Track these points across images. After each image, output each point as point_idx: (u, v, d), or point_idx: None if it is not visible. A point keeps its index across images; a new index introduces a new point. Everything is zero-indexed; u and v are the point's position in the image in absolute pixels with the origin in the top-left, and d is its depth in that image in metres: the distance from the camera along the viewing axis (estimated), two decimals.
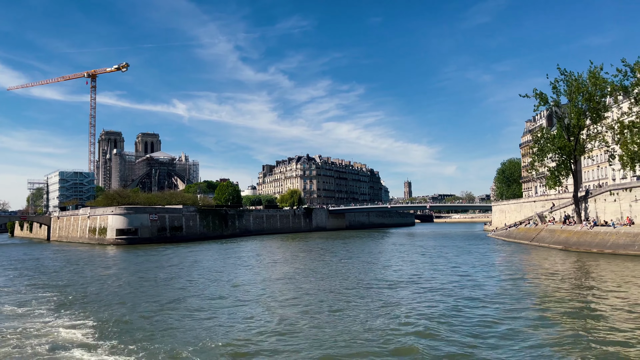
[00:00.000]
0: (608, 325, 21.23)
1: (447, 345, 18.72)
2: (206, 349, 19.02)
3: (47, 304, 28.77)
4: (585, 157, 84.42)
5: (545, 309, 25.19)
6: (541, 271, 40.49)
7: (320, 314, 24.39)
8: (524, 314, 23.87)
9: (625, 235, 51.26)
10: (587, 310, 24.37)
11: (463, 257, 53.66)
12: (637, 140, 48.69)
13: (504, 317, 23.20)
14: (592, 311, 24.19)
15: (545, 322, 22.13)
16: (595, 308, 24.92)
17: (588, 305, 25.81)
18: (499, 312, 24.23)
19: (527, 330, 20.69)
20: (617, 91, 54.75)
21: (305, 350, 18.45)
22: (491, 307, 25.47)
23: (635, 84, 51.85)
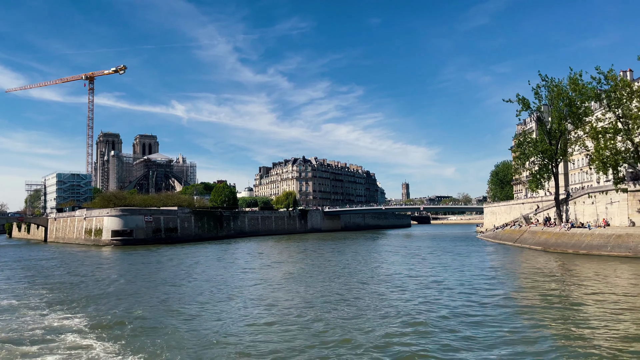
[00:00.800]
0: (568, 321, 22.95)
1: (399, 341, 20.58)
2: (200, 349, 19.32)
3: (40, 302, 30.54)
4: (571, 161, 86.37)
5: (500, 305, 26.92)
6: (514, 270, 42.35)
7: (305, 316, 25.97)
8: (484, 311, 25.66)
9: (599, 236, 53.20)
10: (545, 308, 26.09)
11: (441, 258, 55.60)
12: (608, 145, 50.59)
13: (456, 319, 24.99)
14: (548, 308, 25.94)
15: (501, 319, 23.93)
16: (555, 305, 26.70)
17: (547, 302, 27.60)
18: (450, 313, 25.94)
19: (484, 329, 22.49)
20: (591, 99, 56.59)
21: (304, 352, 18.79)
22: (446, 308, 27.27)
23: (610, 90, 53.78)
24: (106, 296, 32.37)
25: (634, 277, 36.17)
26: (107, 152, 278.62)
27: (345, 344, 19.43)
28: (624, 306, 25.59)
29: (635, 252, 47.40)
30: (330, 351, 18.59)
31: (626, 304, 26.29)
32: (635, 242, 48.66)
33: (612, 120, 54.16)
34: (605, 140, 51.33)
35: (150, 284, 37.86)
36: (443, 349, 18.61)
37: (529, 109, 66.99)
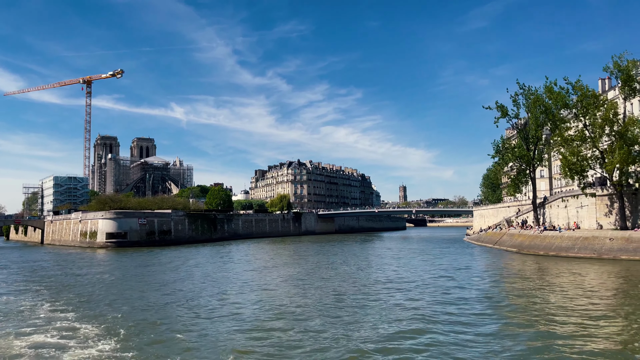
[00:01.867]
0: (518, 315, 25.39)
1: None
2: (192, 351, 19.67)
3: (32, 303, 32.98)
4: (554, 166, 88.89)
5: (450, 302, 29.34)
6: (476, 270, 44.82)
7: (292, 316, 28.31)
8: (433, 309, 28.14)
9: (568, 239, 55.76)
10: (504, 306, 28.54)
11: (415, 260, 58.25)
12: (575, 152, 53.13)
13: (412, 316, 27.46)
14: (507, 306, 28.43)
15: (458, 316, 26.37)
16: (513, 303, 29.21)
17: (507, 300, 30.09)
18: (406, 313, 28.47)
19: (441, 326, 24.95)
20: (562, 107, 59.11)
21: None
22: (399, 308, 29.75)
23: (577, 100, 56.37)
24: (94, 296, 34.75)
25: (595, 275, 38.62)
26: (105, 155, 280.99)
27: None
28: (582, 302, 27.95)
29: (599, 254, 49.92)
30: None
31: (584, 299, 28.70)
32: (599, 244, 51.20)
33: (579, 128, 56.67)
34: (572, 148, 53.88)
35: (138, 285, 40.24)
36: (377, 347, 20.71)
37: (507, 116, 69.44)
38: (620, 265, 45.15)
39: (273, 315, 26.27)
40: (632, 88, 53.53)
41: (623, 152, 49.17)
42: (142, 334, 22.33)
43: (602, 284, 35.06)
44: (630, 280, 36.74)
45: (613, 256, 48.56)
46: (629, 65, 52.56)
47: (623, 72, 52.38)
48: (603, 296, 30.22)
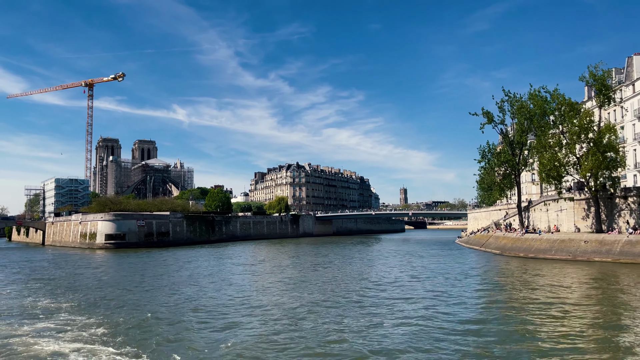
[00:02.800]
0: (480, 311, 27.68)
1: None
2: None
3: (29, 302, 35.32)
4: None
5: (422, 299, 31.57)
6: (452, 270, 46.97)
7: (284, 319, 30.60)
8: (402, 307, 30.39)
9: (546, 241, 57.96)
10: (473, 303, 30.79)
11: (397, 260, 60.54)
12: (552, 158, 55.27)
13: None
14: (476, 304, 30.65)
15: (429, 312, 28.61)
16: (482, 301, 31.41)
17: (477, 298, 32.30)
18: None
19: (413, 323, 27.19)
20: (542, 115, 61.24)
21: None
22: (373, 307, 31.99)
23: (555, 108, 58.56)
24: (88, 295, 37.05)
25: (560, 277, 40.73)
26: (106, 157, 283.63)
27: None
28: (551, 299, 30.21)
29: (574, 256, 52.09)
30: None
31: (552, 298, 30.92)
32: (575, 247, 53.37)
33: (556, 135, 58.81)
34: (549, 154, 56.04)
35: (131, 284, 42.55)
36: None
37: (493, 122, 71.57)
38: (593, 266, 47.26)
39: (264, 313, 28.55)
40: (607, 97, 55.81)
41: (595, 158, 51.36)
42: (139, 332, 23.51)
43: (567, 283, 37.21)
44: (596, 280, 38.85)
45: (587, 258, 50.72)
46: (604, 75, 54.84)
47: (598, 81, 54.65)
48: (562, 295, 32.39)
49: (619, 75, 74.76)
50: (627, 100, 69.50)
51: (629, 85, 69.88)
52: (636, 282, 36.85)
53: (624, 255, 47.91)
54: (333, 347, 20.41)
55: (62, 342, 21.69)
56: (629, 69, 71.64)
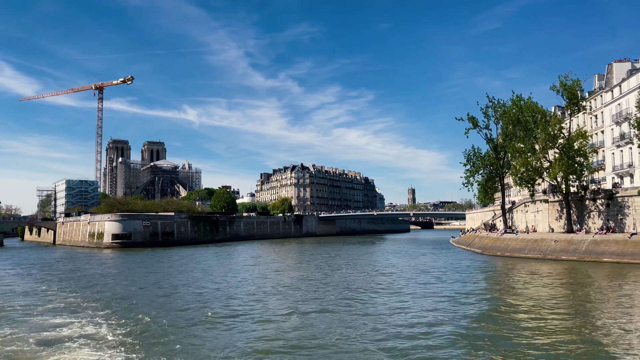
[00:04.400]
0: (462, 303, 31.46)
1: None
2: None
3: (39, 296, 39.62)
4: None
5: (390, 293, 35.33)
6: (430, 268, 50.66)
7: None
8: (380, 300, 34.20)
9: (521, 241, 61.49)
10: (438, 296, 34.52)
11: (383, 259, 64.37)
12: (524, 162, 58.75)
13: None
14: (439, 295, 34.38)
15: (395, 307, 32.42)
16: (443, 294, 35.14)
17: (443, 292, 36.04)
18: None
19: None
20: (515, 123, 64.61)
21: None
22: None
23: (527, 115, 61.97)
24: (90, 288, 41.29)
25: (524, 272, 44.32)
26: (116, 159, 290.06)
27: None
28: (505, 292, 33.93)
29: (545, 254, 55.55)
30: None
31: (505, 290, 34.64)
32: (545, 246, 56.82)
33: (529, 141, 62.16)
34: (522, 159, 59.50)
35: (131, 280, 46.78)
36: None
37: (478, 127, 74.97)
38: (560, 264, 50.73)
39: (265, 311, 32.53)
40: (577, 105, 59.16)
41: (562, 163, 54.77)
42: (138, 326, 25.18)
43: (525, 278, 40.79)
44: (552, 275, 42.34)
45: (555, 256, 54.16)
46: (573, 85, 58.20)
47: (568, 90, 58.00)
48: (514, 287, 36.04)
49: (600, 82, 77.90)
50: (607, 105, 72.58)
51: (608, 92, 72.95)
52: (589, 278, 40.38)
53: (588, 254, 51.28)
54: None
55: (66, 330, 24.09)
56: (608, 75, 74.74)
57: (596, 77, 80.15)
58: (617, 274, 41.72)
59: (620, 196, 55.18)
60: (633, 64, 72.33)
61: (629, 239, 49.42)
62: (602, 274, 41.99)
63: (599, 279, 39.49)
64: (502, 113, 71.23)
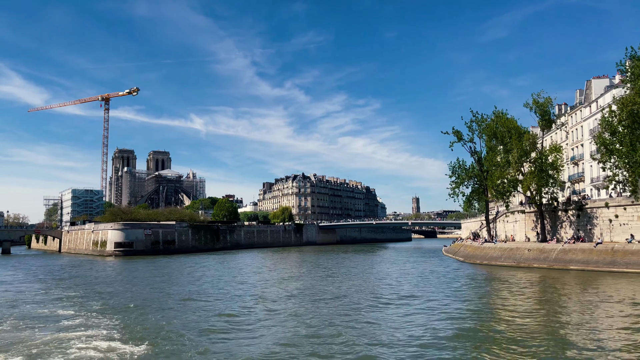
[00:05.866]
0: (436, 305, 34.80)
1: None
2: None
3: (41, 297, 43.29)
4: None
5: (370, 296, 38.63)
6: (407, 274, 53.93)
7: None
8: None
9: (499, 250, 64.70)
10: (411, 297, 37.84)
11: (381, 265, 67.59)
12: (499, 175, 62.07)
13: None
14: (413, 297, 37.70)
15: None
16: (416, 295, 38.47)
17: (414, 294, 39.36)
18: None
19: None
20: (491, 137, 68.01)
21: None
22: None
23: (503, 130, 65.38)
24: (93, 293, 44.92)
25: (496, 279, 47.53)
26: (122, 168, 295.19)
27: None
28: (469, 295, 37.21)
29: (518, 262, 58.72)
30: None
31: (470, 294, 37.91)
32: (519, 254, 60.01)
33: (504, 155, 65.53)
34: (497, 172, 62.85)
35: (127, 285, 50.40)
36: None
37: (462, 140, 78.31)
38: (531, 271, 53.90)
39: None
40: (548, 121, 62.56)
41: (532, 176, 58.11)
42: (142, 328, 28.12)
43: (490, 283, 44.02)
44: (517, 284, 45.51)
45: (528, 264, 57.32)
46: (545, 103, 61.63)
47: (540, 108, 61.43)
48: (479, 291, 39.32)
49: (581, 97, 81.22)
50: (585, 120, 75.80)
51: (586, 107, 76.21)
52: (551, 284, 43.57)
53: (557, 262, 54.42)
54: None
55: (69, 331, 26.23)
56: (587, 91, 78.05)
57: (577, 92, 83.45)
58: (581, 280, 44.81)
59: (590, 207, 58.38)
60: (611, 80, 75.64)
61: (594, 248, 52.52)
62: (566, 281, 45.19)
63: (563, 285, 42.61)
64: (484, 127, 74.60)
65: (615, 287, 39.65)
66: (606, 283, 42.36)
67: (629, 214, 53.65)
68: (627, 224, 53.64)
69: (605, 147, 49.48)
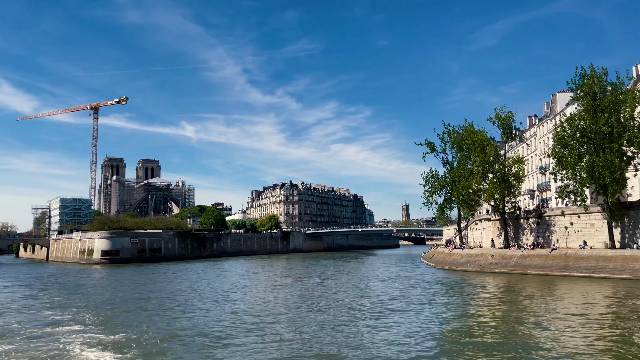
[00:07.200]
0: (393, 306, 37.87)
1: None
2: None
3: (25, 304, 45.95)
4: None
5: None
6: (380, 279, 57.06)
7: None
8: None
9: (465, 256, 68.17)
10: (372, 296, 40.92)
11: (357, 272, 70.80)
12: (464, 185, 65.69)
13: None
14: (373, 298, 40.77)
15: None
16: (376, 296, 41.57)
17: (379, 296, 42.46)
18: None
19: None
20: (458, 149, 71.75)
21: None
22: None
23: (468, 142, 69.09)
24: (76, 300, 47.64)
25: (457, 283, 50.77)
26: (111, 176, 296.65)
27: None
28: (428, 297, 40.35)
29: (482, 267, 62.19)
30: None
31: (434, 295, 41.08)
32: (484, 260, 63.50)
33: (469, 166, 69.26)
34: (463, 182, 66.46)
35: (110, 291, 53.13)
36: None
37: (435, 151, 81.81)
38: (493, 276, 57.29)
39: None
40: (510, 134, 66.43)
41: (494, 186, 61.78)
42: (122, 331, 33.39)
43: (448, 287, 47.29)
44: (476, 286, 48.82)
45: (491, 269, 60.79)
46: (507, 116, 65.46)
47: (502, 121, 65.24)
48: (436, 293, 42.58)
49: (547, 110, 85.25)
50: (550, 132, 79.58)
51: (552, 119, 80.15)
52: (503, 287, 46.94)
53: (517, 267, 57.93)
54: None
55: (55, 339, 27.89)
56: (552, 104, 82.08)
57: (545, 105, 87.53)
58: (537, 284, 47.98)
59: (548, 215, 62.06)
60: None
61: (549, 253, 56.10)
62: (522, 285, 48.48)
63: (515, 288, 45.93)
64: (453, 140, 78.20)
65: (567, 290, 42.91)
66: (559, 286, 45.62)
67: (582, 222, 57.33)
68: (581, 231, 57.31)
69: (558, 160, 53.13)
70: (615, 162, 48.82)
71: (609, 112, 50.02)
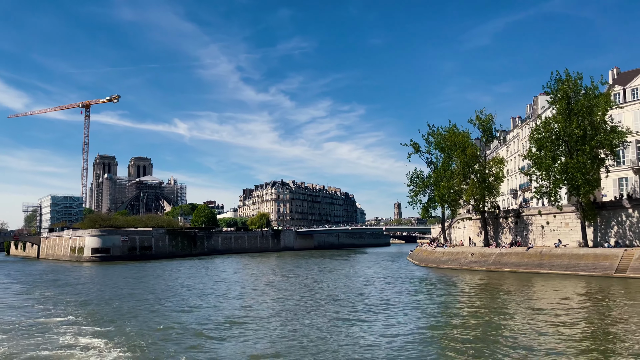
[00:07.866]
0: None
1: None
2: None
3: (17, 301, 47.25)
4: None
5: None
6: (360, 276, 58.76)
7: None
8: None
9: (447, 254, 70.12)
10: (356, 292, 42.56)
11: (345, 269, 72.48)
12: (445, 185, 67.66)
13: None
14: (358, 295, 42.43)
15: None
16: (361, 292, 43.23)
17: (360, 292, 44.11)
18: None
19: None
20: (439, 150, 73.71)
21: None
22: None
23: (450, 143, 71.01)
24: (66, 296, 48.99)
25: (438, 280, 52.56)
26: (103, 174, 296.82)
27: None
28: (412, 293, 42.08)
29: (462, 265, 64.12)
30: None
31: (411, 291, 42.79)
32: (464, 258, 65.45)
33: (451, 166, 71.18)
34: (444, 182, 68.38)
35: (97, 287, 54.50)
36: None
37: (420, 151, 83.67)
38: (472, 273, 59.18)
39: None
40: (490, 135, 68.39)
41: (474, 186, 63.72)
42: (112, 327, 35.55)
43: (424, 283, 49.08)
44: (449, 282, 50.64)
45: (470, 267, 62.69)
46: (487, 119, 67.42)
47: (482, 123, 67.18)
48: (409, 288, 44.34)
49: (529, 111, 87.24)
50: None
51: (533, 121, 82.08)
52: (479, 284, 48.77)
53: (495, 264, 59.86)
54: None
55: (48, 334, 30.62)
56: (534, 106, 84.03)
57: (527, 107, 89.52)
58: (513, 281, 49.87)
59: (525, 215, 64.06)
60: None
61: (526, 252, 58.08)
62: (499, 282, 50.38)
63: (492, 286, 47.71)
64: (437, 140, 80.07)
65: (541, 286, 44.76)
66: (534, 283, 47.50)
67: (557, 221, 59.32)
68: (557, 230, 59.32)
69: (534, 161, 55.05)
70: (587, 164, 50.79)
71: (582, 115, 51.95)
